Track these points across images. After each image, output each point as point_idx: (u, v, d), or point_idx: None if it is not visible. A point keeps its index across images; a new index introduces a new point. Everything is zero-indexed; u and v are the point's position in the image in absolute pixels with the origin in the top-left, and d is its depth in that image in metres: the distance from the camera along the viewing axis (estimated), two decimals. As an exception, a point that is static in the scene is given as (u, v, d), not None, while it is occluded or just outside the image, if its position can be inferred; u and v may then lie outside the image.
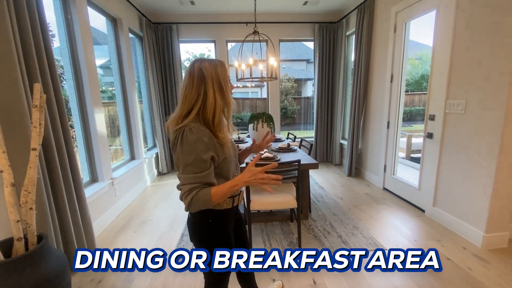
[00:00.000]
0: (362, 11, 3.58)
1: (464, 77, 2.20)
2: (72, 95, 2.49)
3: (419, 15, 2.75)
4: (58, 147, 1.85)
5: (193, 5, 4.04)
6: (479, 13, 2.05)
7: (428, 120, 2.64)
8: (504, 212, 2.06)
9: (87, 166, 2.63)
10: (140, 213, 2.95)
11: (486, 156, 2.05)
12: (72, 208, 1.95)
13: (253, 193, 2.24)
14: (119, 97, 3.45)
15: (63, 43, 2.40)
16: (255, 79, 3.17)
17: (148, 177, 3.97)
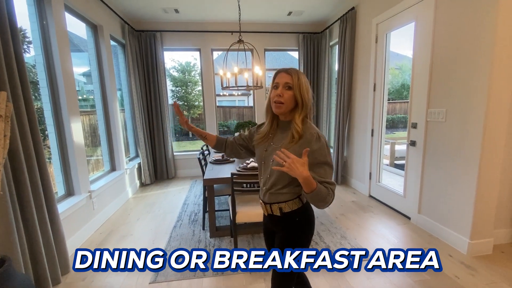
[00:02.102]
0: (344, 22, 3.67)
1: (444, 86, 2.27)
2: (47, 104, 2.35)
3: (399, 27, 2.84)
4: (27, 160, 1.71)
5: (177, 13, 4.00)
6: (456, 24, 2.13)
7: (410, 128, 2.69)
8: (488, 218, 2.10)
9: (63, 179, 2.48)
10: (120, 228, 2.80)
11: (468, 163, 2.09)
12: (42, 225, 1.80)
13: (239, 205, 2.17)
14: (99, 105, 3.32)
15: (37, 49, 2.28)
16: (240, 87, 3.14)
17: (129, 188, 3.81)
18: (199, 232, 2.64)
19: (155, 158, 4.56)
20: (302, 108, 1.09)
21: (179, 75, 10.76)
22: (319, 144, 1.04)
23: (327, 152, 1.05)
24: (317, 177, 1.01)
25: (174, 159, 4.78)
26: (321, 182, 1.01)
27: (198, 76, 10.63)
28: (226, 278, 1.92)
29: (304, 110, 1.10)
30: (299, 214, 1.14)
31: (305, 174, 0.93)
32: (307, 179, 0.94)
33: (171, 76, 10.59)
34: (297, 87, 1.07)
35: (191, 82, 10.71)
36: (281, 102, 1.08)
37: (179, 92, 10.60)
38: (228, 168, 2.55)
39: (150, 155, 4.39)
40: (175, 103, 1.29)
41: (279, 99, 1.08)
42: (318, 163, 1.03)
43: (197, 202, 3.49)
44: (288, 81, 1.07)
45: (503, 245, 2.23)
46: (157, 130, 4.48)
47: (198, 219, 2.93)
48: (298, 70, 1.10)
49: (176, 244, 2.41)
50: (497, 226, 2.21)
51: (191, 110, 10.51)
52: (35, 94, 2.36)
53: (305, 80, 1.10)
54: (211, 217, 2.47)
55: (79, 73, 3.54)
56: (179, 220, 2.94)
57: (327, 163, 1.04)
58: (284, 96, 1.07)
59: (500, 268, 1.94)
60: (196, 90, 10.64)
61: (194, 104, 10.55)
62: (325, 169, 1.04)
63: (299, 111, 1.09)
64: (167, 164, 4.62)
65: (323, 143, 1.05)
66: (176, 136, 10.45)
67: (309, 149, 0.99)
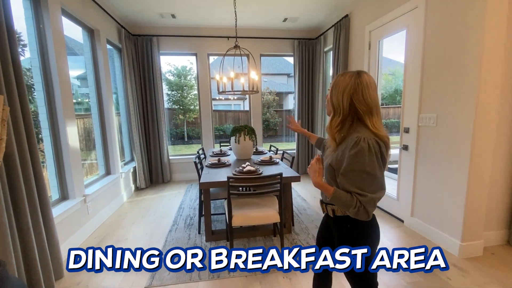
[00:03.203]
0: (338, 29, 3.75)
1: (434, 92, 2.33)
2: (43, 107, 2.35)
3: (391, 34, 2.91)
4: (23, 164, 1.71)
5: (174, 18, 4.04)
6: (445, 32, 2.20)
7: (403, 132, 2.75)
8: (478, 220, 2.15)
9: (57, 183, 2.46)
10: (115, 232, 2.78)
11: (458, 167, 2.14)
12: (37, 229, 1.79)
13: (234, 209, 2.18)
14: (95, 109, 3.31)
15: (34, 53, 2.28)
16: (236, 92, 3.17)
17: (124, 192, 3.78)
18: (194, 236, 2.64)
19: (150, 162, 4.55)
20: (337, 111, 1.04)
21: (175, 79, 10.76)
22: (355, 150, 0.96)
23: (367, 160, 0.95)
24: (349, 185, 0.98)
25: (170, 163, 4.77)
26: (352, 192, 0.97)
27: (194, 80, 10.65)
28: (222, 281, 1.93)
29: (341, 113, 1.03)
30: (351, 221, 1.07)
31: (315, 181, 1.00)
32: (319, 185, 1.00)
33: (167, 80, 10.59)
34: (332, 88, 1.06)
35: (187, 86, 10.71)
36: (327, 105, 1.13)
37: (175, 96, 10.59)
38: (224, 172, 2.56)
39: (145, 159, 4.38)
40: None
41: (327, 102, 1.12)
42: (353, 170, 0.97)
43: (193, 206, 3.49)
44: (331, 83, 1.10)
45: (493, 247, 2.28)
46: (153, 134, 4.47)
47: (194, 223, 2.93)
48: (344, 72, 1.05)
49: (172, 248, 2.40)
50: (487, 228, 2.27)
51: (187, 114, 10.50)
52: (30, 97, 2.36)
53: (343, 81, 1.02)
54: (207, 221, 2.48)
55: (74, 76, 3.53)
56: (174, 224, 2.93)
57: (365, 171, 0.96)
58: (327, 99, 1.11)
59: (490, 269, 1.98)
60: (192, 94, 10.64)
61: (190, 108, 10.55)
62: (363, 178, 0.96)
63: (336, 114, 1.05)
64: (163, 168, 4.60)
65: (363, 149, 0.95)
66: (171, 140, 10.43)
67: (346, 154, 0.98)
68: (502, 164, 2.23)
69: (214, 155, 3.51)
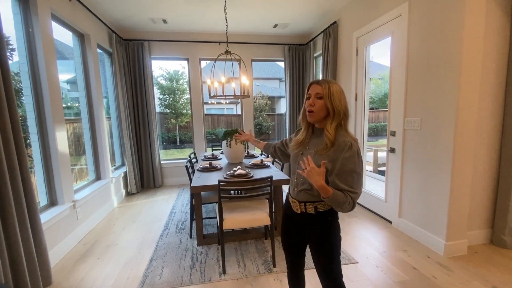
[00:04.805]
0: (327, 35, 3.84)
1: (418, 96, 2.42)
2: (31, 112, 2.33)
3: (377, 41, 3.01)
4: (10, 170, 1.69)
5: (165, 23, 4.06)
6: (427, 39, 2.30)
7: (390, 135, 2.83)
8: (461, 220, 2.22)
9: (45, 188, 2.43)
10: (105, 237, 2.75)
11: (441, 168, 2.22)
12: (24, 236, 1.77)
13: (225, 212, 2.20)
14: (85, 113, 3.29)
15: (22, 57, 2.26)
16: (227, 96, 3.20)
17: (115, 198, 3.74)
18: (186, 240, 2.63)
19: (141, 167, 4.52)
20: (333, 116, 1.15)
21: (167, 83, 10.74)
22: (350, 152, 1.08)
23: (357, 161, 1.09)
24: (342, 185, 1.09)
25: (161, 167, 4.74)
26: (344, 190, 1.08)
27: (186, 85, 10.64)
28: (213, 285, 1.93)
29: (337, 118, 1.15)
30: (331, 214, 1.21)
31: (319, 184, 1.05)
32: (322, 187, 1.05)
33: (159, 84, 10.56)
34: (327, 96, 1.13)
35: (179, 90, 10.70)
36: (313, 111, 1.17)
37: (167, 100, 10.56)
38: (215, 176, 2.58)
39: (136, 164, 4.34)
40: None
41: (311, 108, 1.17)
42: (348, 170, 1.09)
43: (185, 210, 3.48)
44: (319, 92, 1.15)
45: (476, 245, 2.36)
46: (144, 138, 4.45)
47: (186, 228, 2.92)
48: (330, 81, 1.16)
49: (163, 253, 2.40)
50: (470, 228, 2.35)
51: (179, 118, 10.47)
52: (18, 102, 2.33)
53: (337, 89, 1.14)
54: (198, 225, 2.48)
55: (63, 80, 3.50)
56: (166, 228, 2.92)
57: (356, 171, 1.09)
58: (316, 106, 1.16)
59: (473, 267, 2.05)
60: (184, 98, 10.63)
61: (182, 112, 10.52)
62: (353, 177, 1.09)
63: (331, 119, 1.15)
64: (154, 172, 4.58)
65: (355, 151, 1.09)
66: (163, 144, 10.36)
67: (340, 156, 1.09)
68: (484, 166, 2.32)
69: (206, 159, 3.52)
